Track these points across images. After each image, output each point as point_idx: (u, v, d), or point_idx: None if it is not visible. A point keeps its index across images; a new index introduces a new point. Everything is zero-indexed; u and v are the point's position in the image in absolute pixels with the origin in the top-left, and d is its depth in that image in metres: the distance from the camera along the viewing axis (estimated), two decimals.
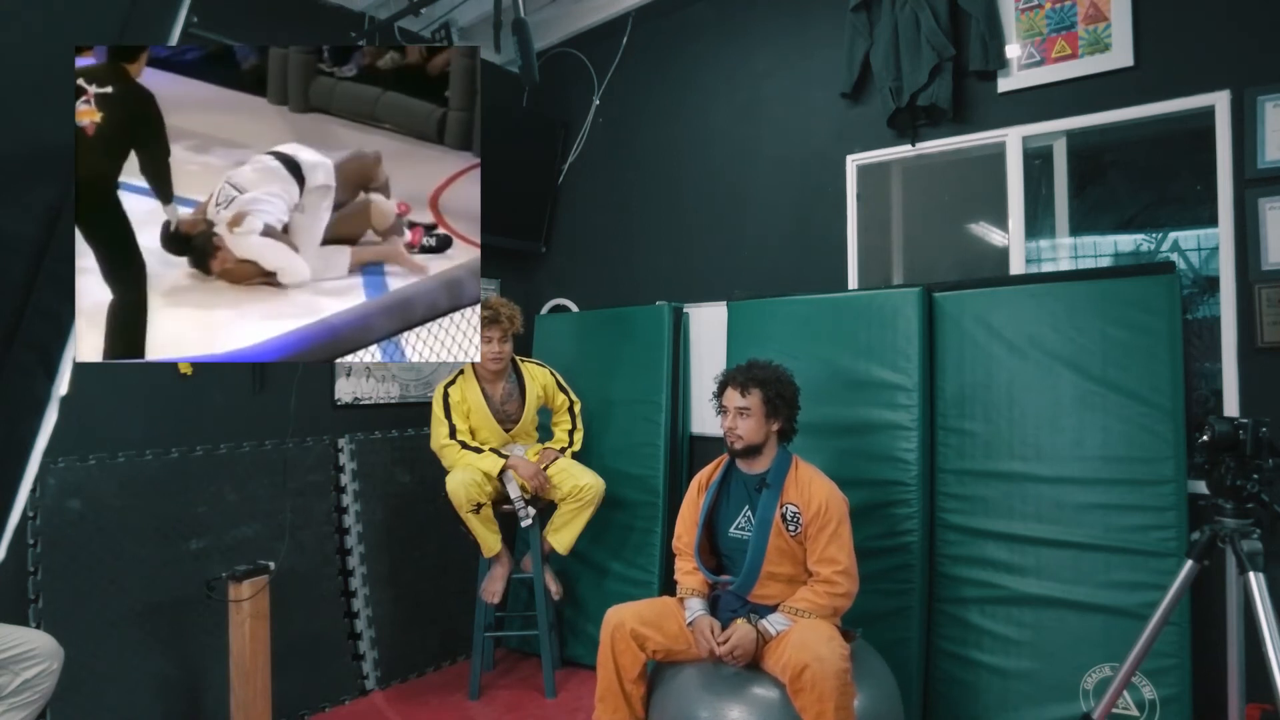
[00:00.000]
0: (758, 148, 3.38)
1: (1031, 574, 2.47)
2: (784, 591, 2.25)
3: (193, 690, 2.70)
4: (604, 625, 2.24)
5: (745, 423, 2.29)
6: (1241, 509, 1.72)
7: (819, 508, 2.22)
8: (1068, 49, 2.63)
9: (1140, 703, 2.26)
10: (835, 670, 1.92)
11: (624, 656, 2.20)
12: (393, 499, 3.39)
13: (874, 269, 3.19)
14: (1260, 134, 2.30)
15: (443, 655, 3.46)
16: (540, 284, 4.14)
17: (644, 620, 2.23)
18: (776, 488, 2.28)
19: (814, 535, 2.22)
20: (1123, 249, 2.97)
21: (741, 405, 2.29)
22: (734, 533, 2.33)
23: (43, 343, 0.61)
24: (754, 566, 2.24)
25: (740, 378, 2.32)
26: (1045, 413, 2.50)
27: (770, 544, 2.24)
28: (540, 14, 3.80)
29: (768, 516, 2.25)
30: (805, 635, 2.04)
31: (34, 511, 2.45)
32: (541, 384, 3.27)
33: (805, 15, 3.24)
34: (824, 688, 1.90)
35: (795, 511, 2.24)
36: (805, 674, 1.92)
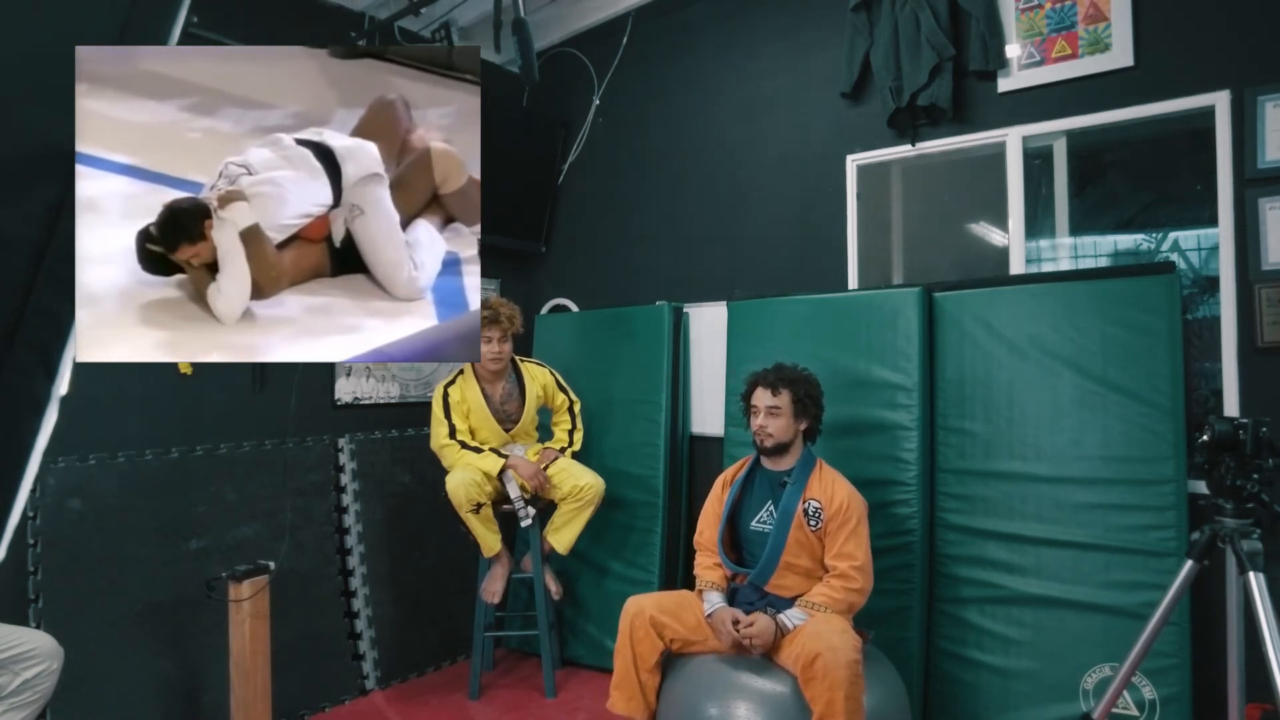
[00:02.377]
0: (758, 148, 3.38)
1: (1031, 574, 2.47)
2: (800, 584, 2.29)
3: (193, 690, 2.69)
4: (624, 613, 2.29)
5: (776, 421, 2.35)
6: (1241, 509, 1.72)
7: (841, 505, 2.27)
8: (1068, 49, 2.63)
9: (1140, 702, 2.26)
10: (847, 660, 1.95)
11: (642, 644, 2.24)
12: (393, 499, 3.39)
13: (874, 269, 3.19)
14: (1260, 134, 2.30)
15: (443, 655, 3.46)
16: (540, 284, 4.13)
17: (664, 609, 2.27)
18: (801, 483, 2.33)
19: (834, 531, 2.26)
20: (1123, 249, 2.97)
21: (772, 405, 2.36)
22: (756, 526, 2.38)
23: (43, 343, 0.61)
24: (773, 556, 2.29)
25: (771, 378, 2.40)
26: (1045, 412, 2.50)
27: (790, 536, 2.28)
28: (540, 14, 3.80)
29: (790, 509, 2.30)
30: (819, 626, 2.10)
31: (34, 511, 2.44)
32: (541, 384, 3.27)
33: (805, 15, 3.24)
34: (835, 676, 1.93)
35: (818, 507, 2.29)
36: (817, 662, 1.96)
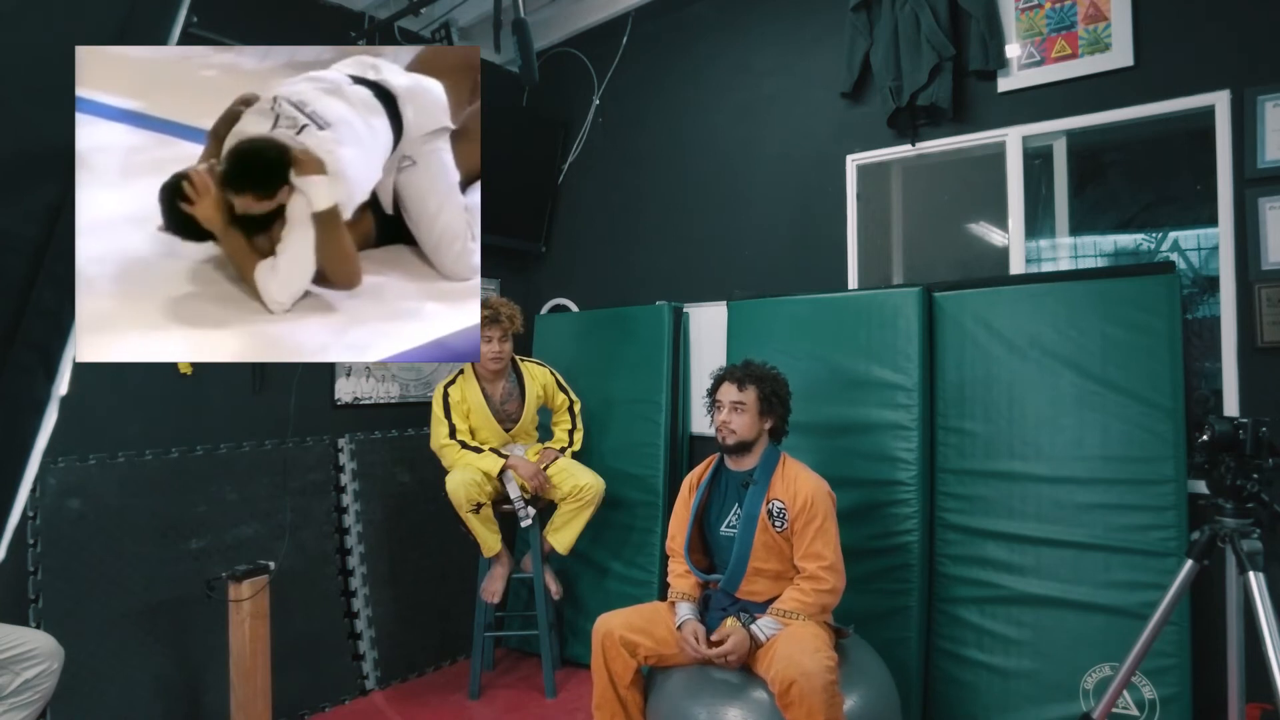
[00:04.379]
0: (758, 147, 3.38)
1: (1031, 574, 2.47)
2: (771, 588, 2.25)
3: (193, 690, 2.69)
4: (594, 633, 2.24)
5: (739, 418, 2.31)
6: (1241, 509, 1.72)
7: (805, 502, 2.22)
8: (1068, 49, 2.63)
9: (1140, 702, 2.26)
10: (822, 684, 1.92)
11: (615, 663, 2.20)
12: (393, 499, 3.39)
13: (874, 269, 3.19)
14: (1260, 134, 2.30)
15: (443, 655, 3.46)
16: (540, 284, 4.13)
17: (633, 627, 2.22)
18: (763, 484, 2.29)
19: (800, 530, 2.22)
20: (1123, 249, 2.97)
21: (737, 400, 2.32)
22: (725, 531, 2.34)
23: (43, 343, 0.61)
24: (740, 563, 2.25)
25: (737, 374, 2.36)
26: (1045, 412, 2.50)
27: (756, 540, 2.24)
28: (540, 14, 3.80)
29: (754, 512, 2.26)
30: (790, 648, 2.02)
31: (34, 511, 2.45)
32: (541, 384, 3.27)
33: (805, 15, 3.24)
34: (812, 702, 1.91)
35: (781, 507, 2.25)
36: (793, 689, 1.93)
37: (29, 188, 0.62)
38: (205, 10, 2.17)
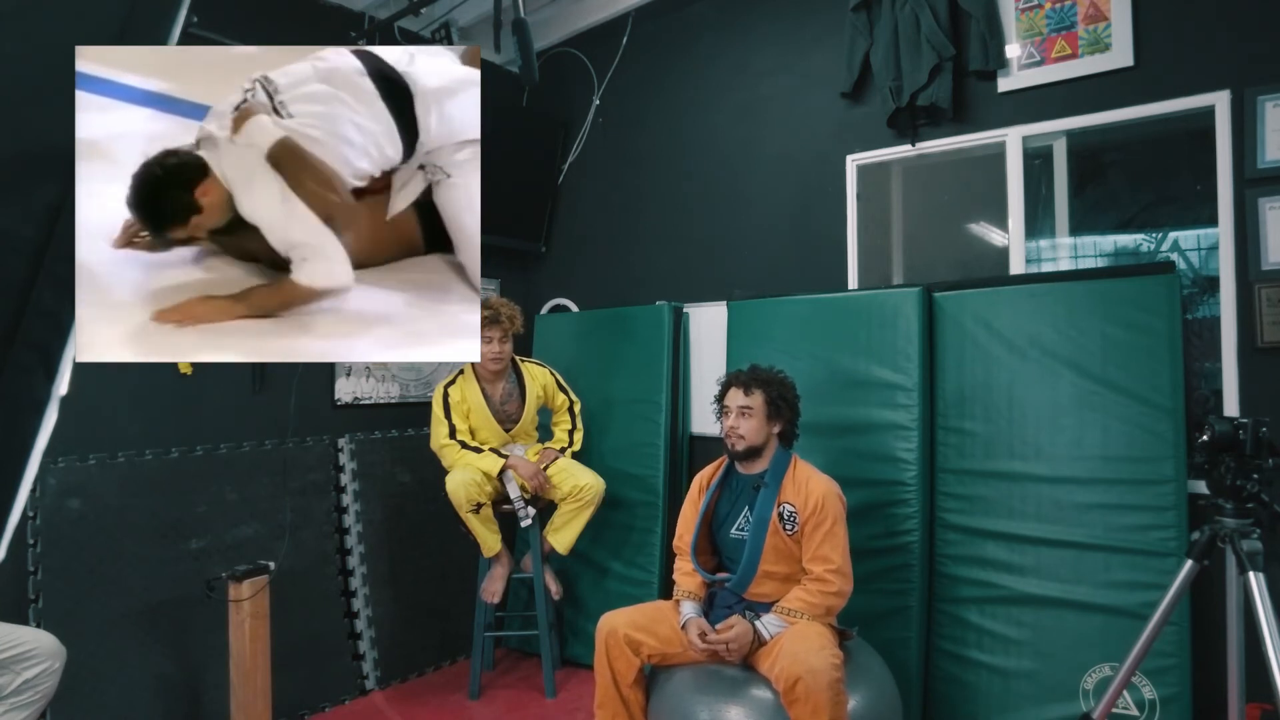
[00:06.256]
0: (758, 148, 3.38)
1: (1031, 574, 2.47)
2: (780, 590, 2.26)
3: (193, 690, 2.69)
4: (598, 632, 2.25)
5: (747, 423, 2.31)
6: (1241, 509, 1.72)
7: (816, 505, 2.22)
8: (1068, 49, 2.63)
9: (1140, 702, 2.26)
10: (828, 681, 1.93)
11: (618, 662, 2.21)
12: (393, 499, 3.39)
13: (874, 269, 3.19)
14: (1260, 134, 2.30)
15: (443, 655, 3.46)
16: (540, 284, 4.13)
17: (637, 625, 2.23)
18: (774, 487, 2.29)
19: (809, 533, 2.22)
20: (1122, 249, 2.97)
21: (744, 404, 2.32)
22: (734, 534, 2.34)
23: (43, 343, 0.61)
24: (750, 565, 2.25)
25: (744, 378, 2.36)
26: (1045, 413, 2.50)
27: (767, 543, 2.24)
28: (540, 14, 3.80)
29: (765, 515, 2.26)
30: (797, 646, 2.03)
31: (34, 511, 2.45)
32: (541, 384, 3.27)
33: (805, 15, 3.24)
34: (818, 700, 1.91)
35: (792, 511, 2.25)
36: (799, 686, 1.93)
37: (29, 188, 0.62)
38: (205, 10, 2.17)
